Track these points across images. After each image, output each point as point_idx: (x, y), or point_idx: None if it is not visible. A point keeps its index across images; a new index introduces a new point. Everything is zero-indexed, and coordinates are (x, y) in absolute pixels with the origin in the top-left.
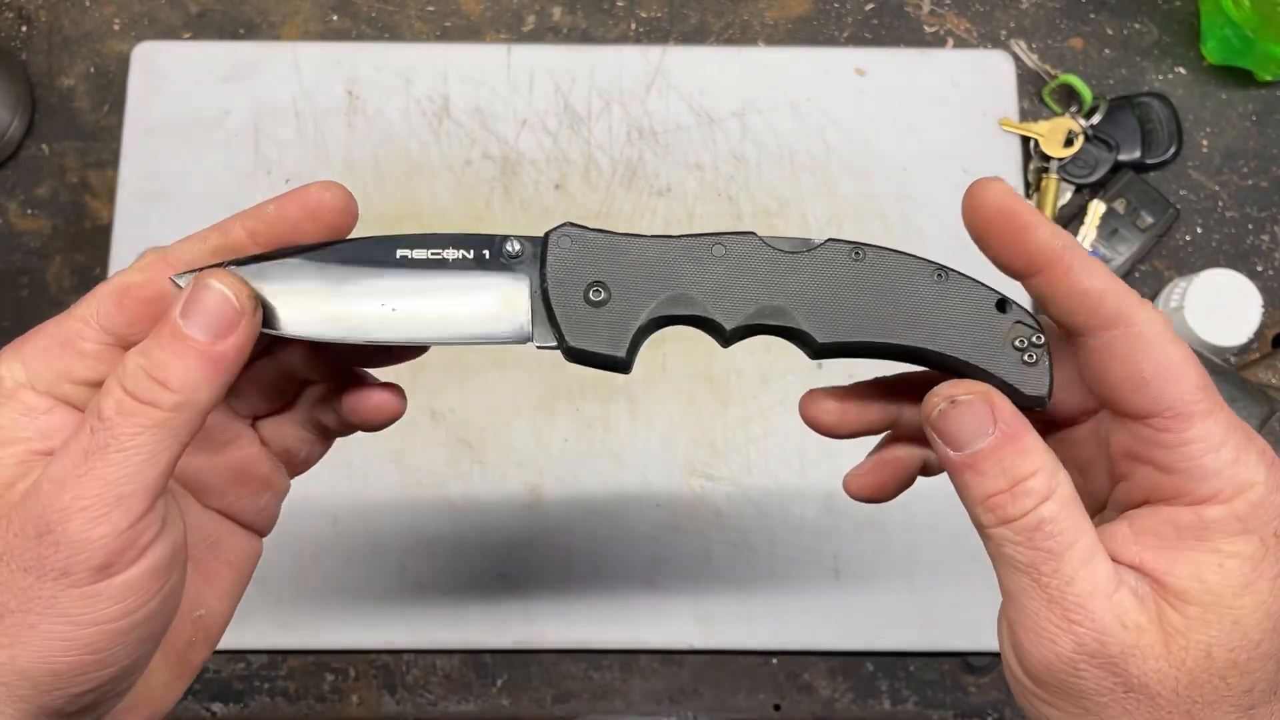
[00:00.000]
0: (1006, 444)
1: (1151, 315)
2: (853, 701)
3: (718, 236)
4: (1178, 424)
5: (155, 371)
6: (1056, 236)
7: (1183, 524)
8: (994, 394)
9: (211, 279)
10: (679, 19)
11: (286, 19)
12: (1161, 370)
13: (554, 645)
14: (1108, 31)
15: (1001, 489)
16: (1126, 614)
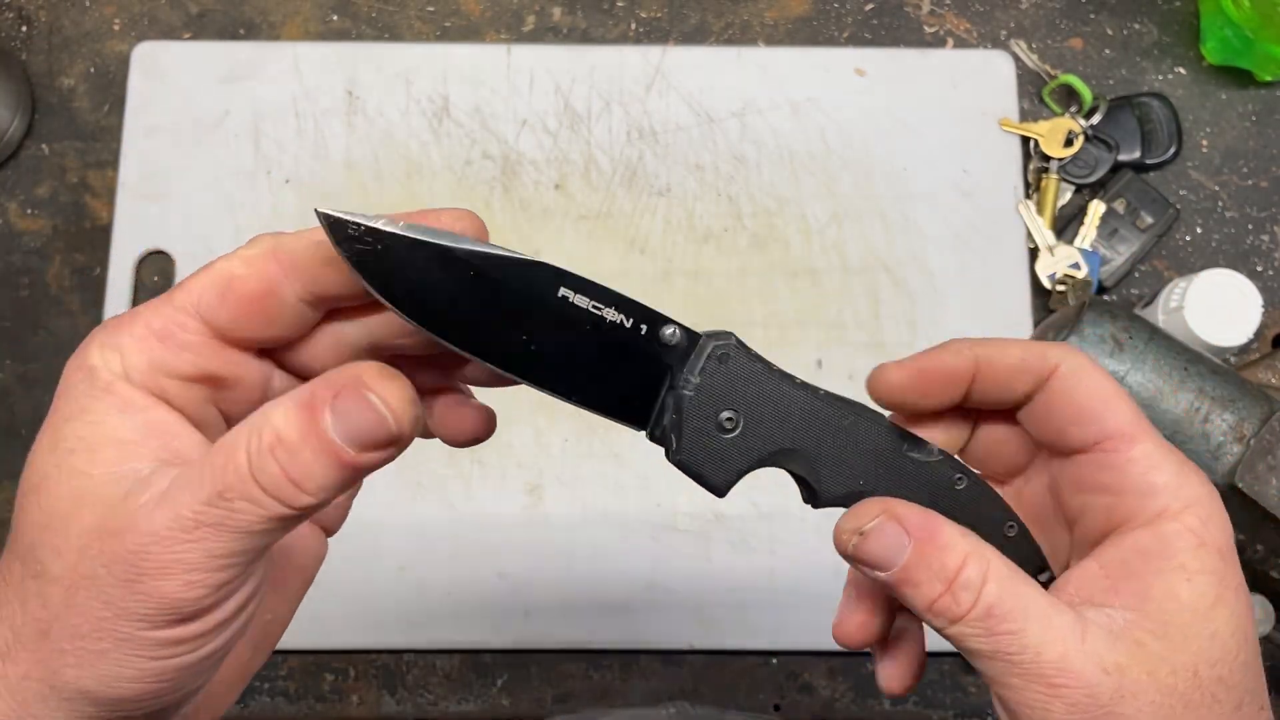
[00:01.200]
0: (927, 548)
1: (1074, 355)
2: (852, 702)
3: (854, 409)
4: (1121, 445)
5: (293, 472)
6: (962, 351)
7: (1145, 548)
8: (893, 505)
9: (372, 390)
10: (679, 19)
11: (286, 19)
12: (1097, 399)
13: (554, 645)
14: (1108, 32)
15: (940, 592)
16: (1104, 659)
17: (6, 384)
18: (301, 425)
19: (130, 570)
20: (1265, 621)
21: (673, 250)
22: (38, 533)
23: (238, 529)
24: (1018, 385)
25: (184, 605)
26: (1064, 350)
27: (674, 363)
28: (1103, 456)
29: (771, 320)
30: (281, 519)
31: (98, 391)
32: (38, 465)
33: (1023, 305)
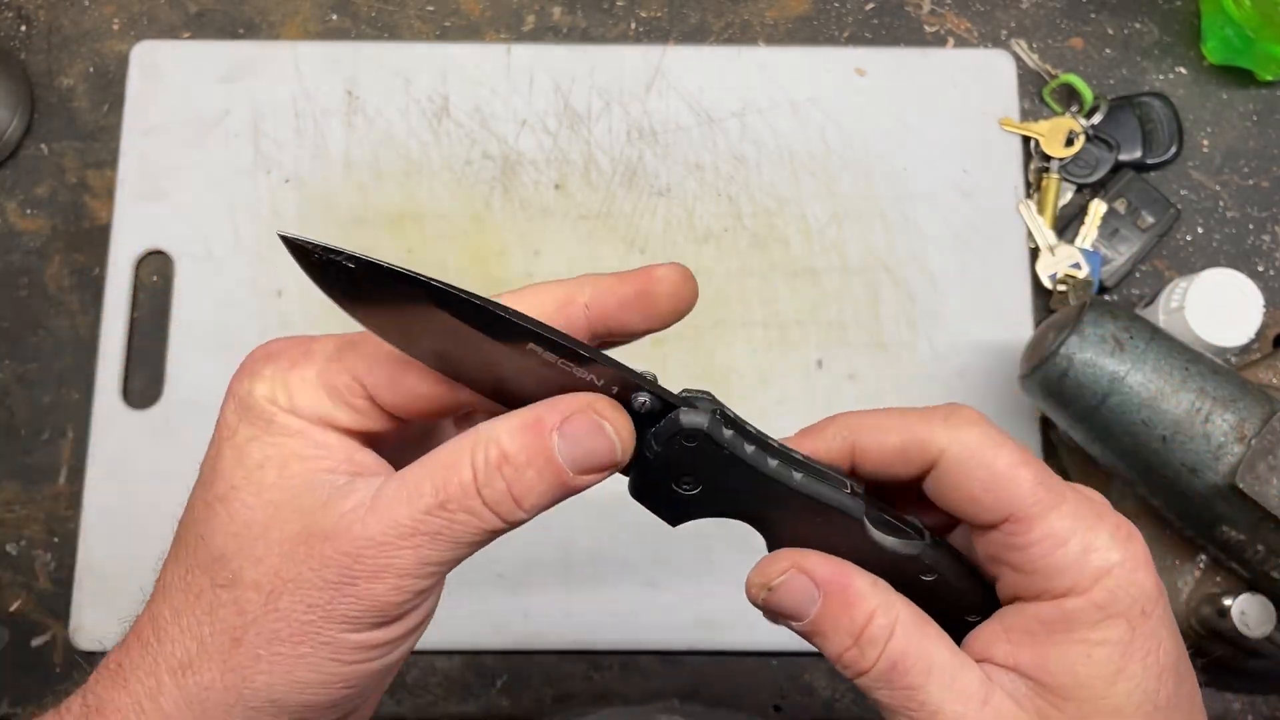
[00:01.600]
0: (835, 602)
1: (959, 436)
2: (853, 702)
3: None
4: (1021, 528)
5: (516, 488)
6: (835, 436)
7: (1047, 619)
8: (802, 557)
9: (607, 419)
10: (679, 19)
11: (286, 18)
12: (989, 484)
13: (554, 646)
14: (1108, 31)
15: (848, 645)
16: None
17: (5, 384)
18: (529, 446)
19: (343, 573)
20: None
21: (673, 250)
22: (231, 541)
23: (453, 539)
24: (901, 470)
25: (390, 609)
26: (948, 432)
27: (644, 424)
28: (1007, 539)
29: (771, 320)
30: (494, 532)
31: (273, 417)
32: (224, 476)
33: (1023, 305)
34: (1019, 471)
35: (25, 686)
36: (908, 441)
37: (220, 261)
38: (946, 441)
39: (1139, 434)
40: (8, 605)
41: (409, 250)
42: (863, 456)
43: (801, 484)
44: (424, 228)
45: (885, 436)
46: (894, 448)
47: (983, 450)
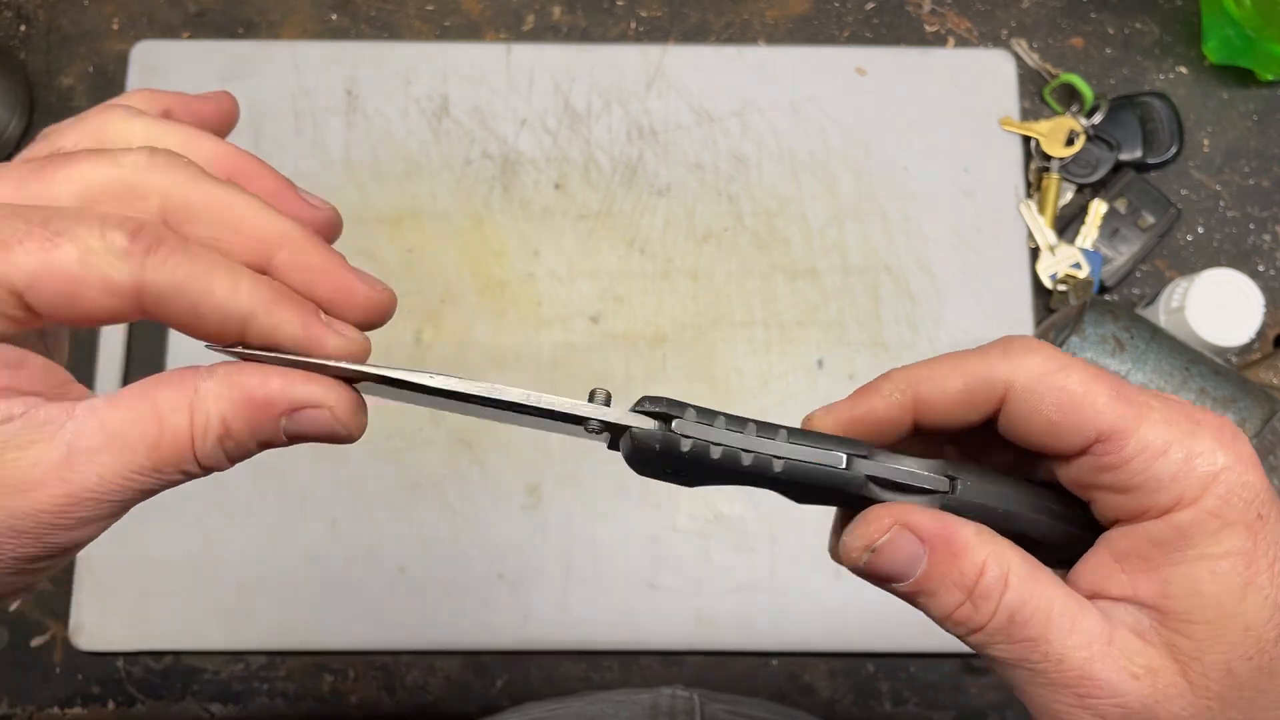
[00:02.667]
0: (943, 556)
1: (1028, 365)
2: (853, 703)
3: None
4: (1112, 446)
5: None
6: (893, 392)
7: (1160, 538)
8: (904, 512)
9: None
10: (679, 18)
11: (285, 18)
12: (1065, 407)
13: (553, 646)
14: (1109, 31)
15: (959, 601)
16: (1133, 661)
17: None
18: (253, 425)
19: (38, 527)
20: None
21: (673, 250)
22: None
23: (157, 488)
24: (969, 416)
25: (77, 548)
26: (1010, 363)
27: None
28: (1099, 461)
29: (772, 320)
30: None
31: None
32: None
33: (1024, 305)
34: (1094, 387)
35: (25, 686)
36: (970, 383)
37: None
38: (1010, 373)
39: None
40: (7, 605)
41: (409, 250)
42: (926, 409)
43: (783, 472)
44: (424, 227)
45: (946, 383)
46: (958, 393)
47: (1050, 374)
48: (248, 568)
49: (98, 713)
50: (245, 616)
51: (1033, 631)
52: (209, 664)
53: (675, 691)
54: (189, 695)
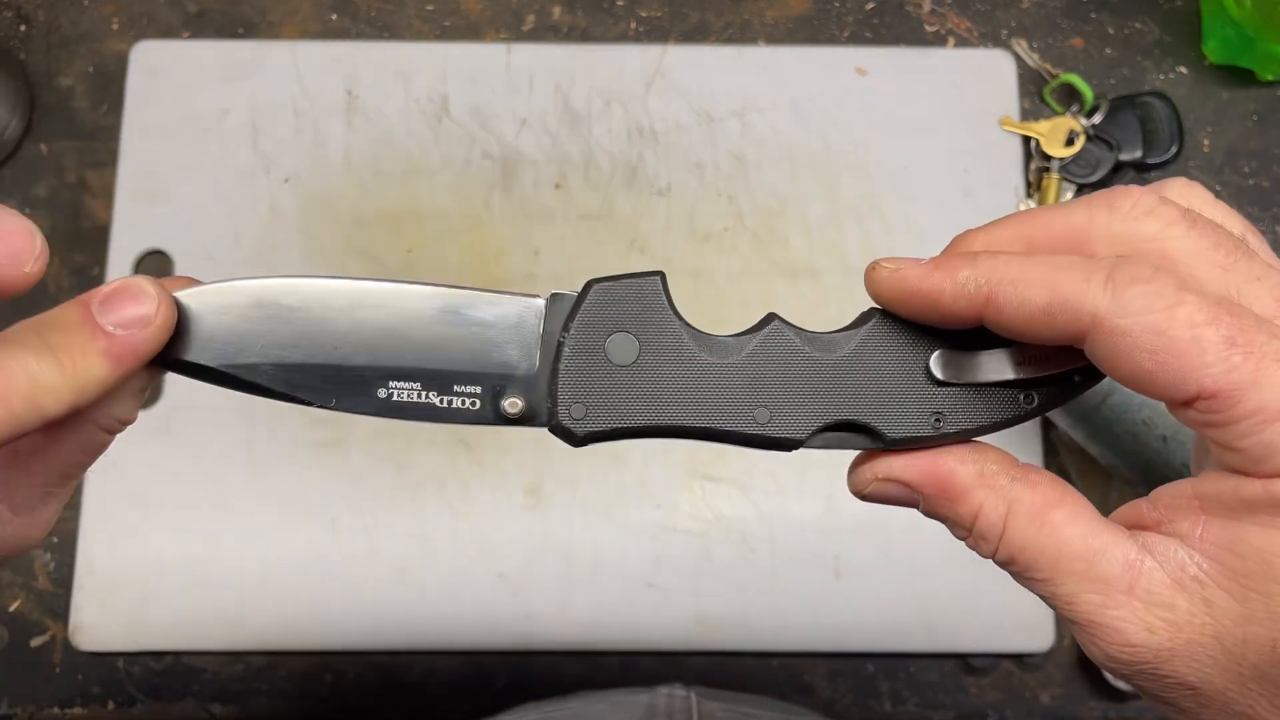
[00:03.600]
0: (936, 499)
1: (1128, 293)
2: (853, 703)
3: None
4: (1218, 405)
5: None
6: (966, 282)
7: (1252, 499)
8: (884, 465)
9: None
10: (679, 18)
11: (285, 18)
12: (1164, 358)
13: (554, 646)
14: (1109, 31)
15: (964, 535)
16: (1154, 612)
17: None
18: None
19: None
20: None
21: (673, 250)
22: None
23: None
24: (1045, 334)
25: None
26: (1108, 294)
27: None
28: (1199, 414)
29: None
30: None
31: None
32: None
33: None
34: (1205, 334)
35: (25, 686)
36: (1054, 303)
37: (220, 261)
38: (1104, 306)
39: (1139, 434)
40: (7, 605)
41: (409, 250)
42: (998, 312)
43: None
44: (423, 227)
45: (1028, 293)
46: (1038, 309)
47: (1151, 313)
48: (248, 568)
49: (97, 713)
50: (245, 616)
51: (1038, 574)
52: (209, 664)
53: (672, 690)
54: (189, 695)
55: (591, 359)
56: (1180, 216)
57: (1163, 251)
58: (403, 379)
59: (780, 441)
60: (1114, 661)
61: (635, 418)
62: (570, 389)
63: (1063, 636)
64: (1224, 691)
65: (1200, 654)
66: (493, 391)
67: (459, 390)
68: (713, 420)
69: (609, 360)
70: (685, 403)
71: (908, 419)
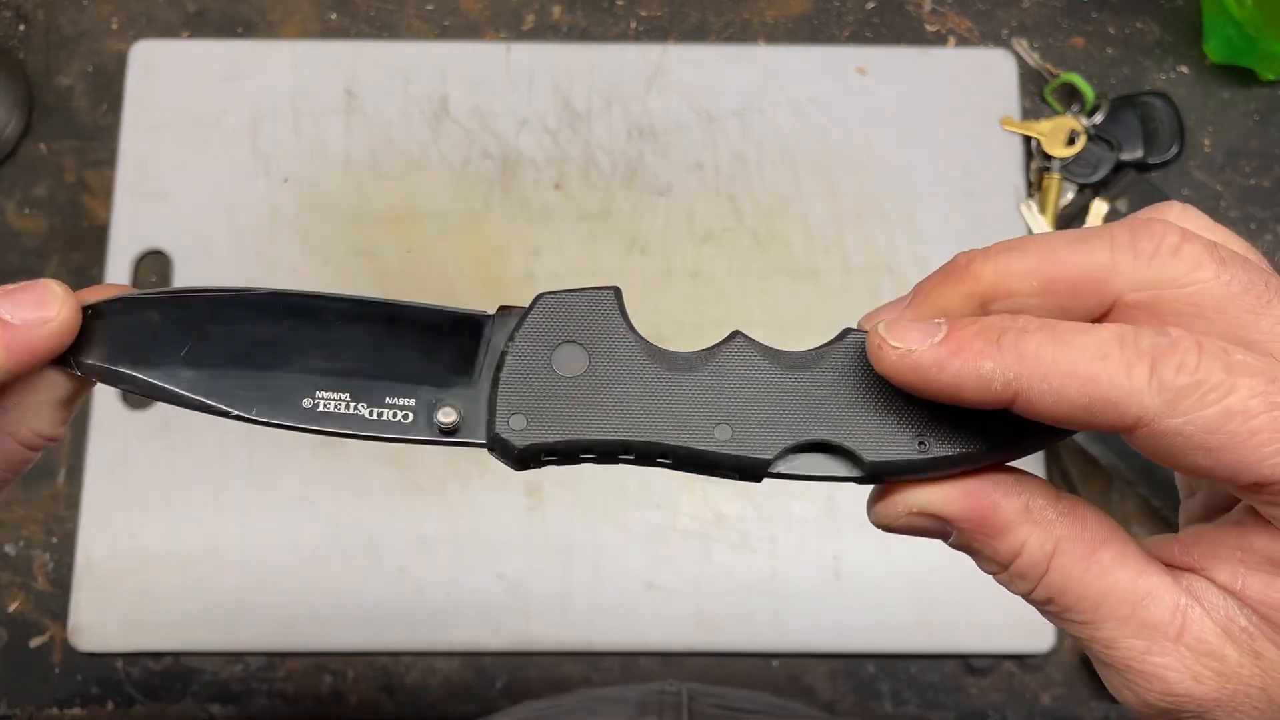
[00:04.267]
0: (974, 535)
1: (1174, 399)
2: (854, 704)
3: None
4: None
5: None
6: (994, 376)
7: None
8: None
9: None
10: (679, 17)
11: (285, 17)
12: (1220, 454)
13: (553, 647)
14: (1109, 30)
15: (996, 571)
16: (1202, 662)
17: None
18: None
19: None
20: None
21: (673, 250)
22: None
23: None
24: (1081, 427)
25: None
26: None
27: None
28: (1263, 507)
29: (772, 320)
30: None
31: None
32: None
33: None
34: (1259, 423)
35: (24, 687)
36: (1094, 404)
37: (219, 261)
38: (1151, 408)
39: None
40: (6, 605)
41: (408, 250)
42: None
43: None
44: (423, 227)
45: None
46: (1076, 408)
47: (1203, 409)
48: (248, 568)
49: (97, 713)
50: (245, 616)
51: (1079, 616)
52: (208, 664)
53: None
54: (188, 696)
55: (536, 370)
56: (1207, 256)
57: (1194, 300)
58: (331, 390)
59: (744, 462)
60: (1150, 709)
61: (581, 430)
62: (511, 399)
63: (1064, 637)
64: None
65: (1246, 705)
66: (427, 404)
67: (391, 402)
68: (667, 436)
69: (555, 372)
70: (637, 417)
71: (888, 441)
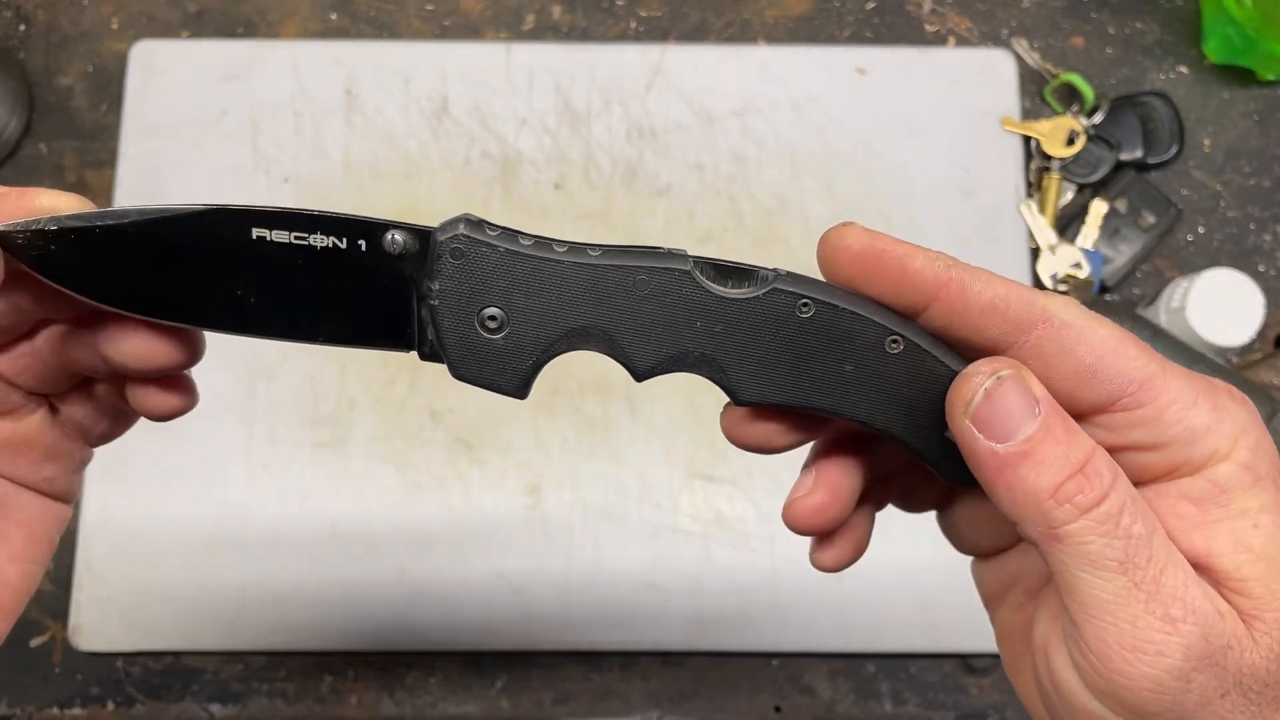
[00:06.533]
0: (1057, 424)
1: (1065, 304)
2: (854, 703)
3: (643, 262)
4: (1147, 394)
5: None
6: (936, 260)
7: (1198, 495)
8: (1023, 367)
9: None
10: (679, 18)
11: (285, 18)
12: (1101, 352)
13: (553, 647)
14: (1109, 30)
15: (1069, 473)
16: (1217, 599)
17: None
18: None
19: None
20: None
21: None
22: None
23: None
24: (990, 327)
25: None
26: (1060, 302)
27: (412, 271)
28: (1126, 416)
29: None
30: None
31: None
32: None
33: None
34: (1126, 338)
35: (24, 687)
36: (1012, 293)
37: None
38: (1054, 308)
39: None
40: None
41: None
42: (954, 291)
43: (600, 258)
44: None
45: (991, 282)
46: (1000, 288)
47: (1088, 317)
48: (248, 568)
49: (97, 713)
50: (245, 616)
51: (1142, 530)
52: (209, 664)
53: None
54: (188, 695)
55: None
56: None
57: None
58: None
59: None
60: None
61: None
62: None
63: None
64: (1246, 693)
65: (1245, 648)
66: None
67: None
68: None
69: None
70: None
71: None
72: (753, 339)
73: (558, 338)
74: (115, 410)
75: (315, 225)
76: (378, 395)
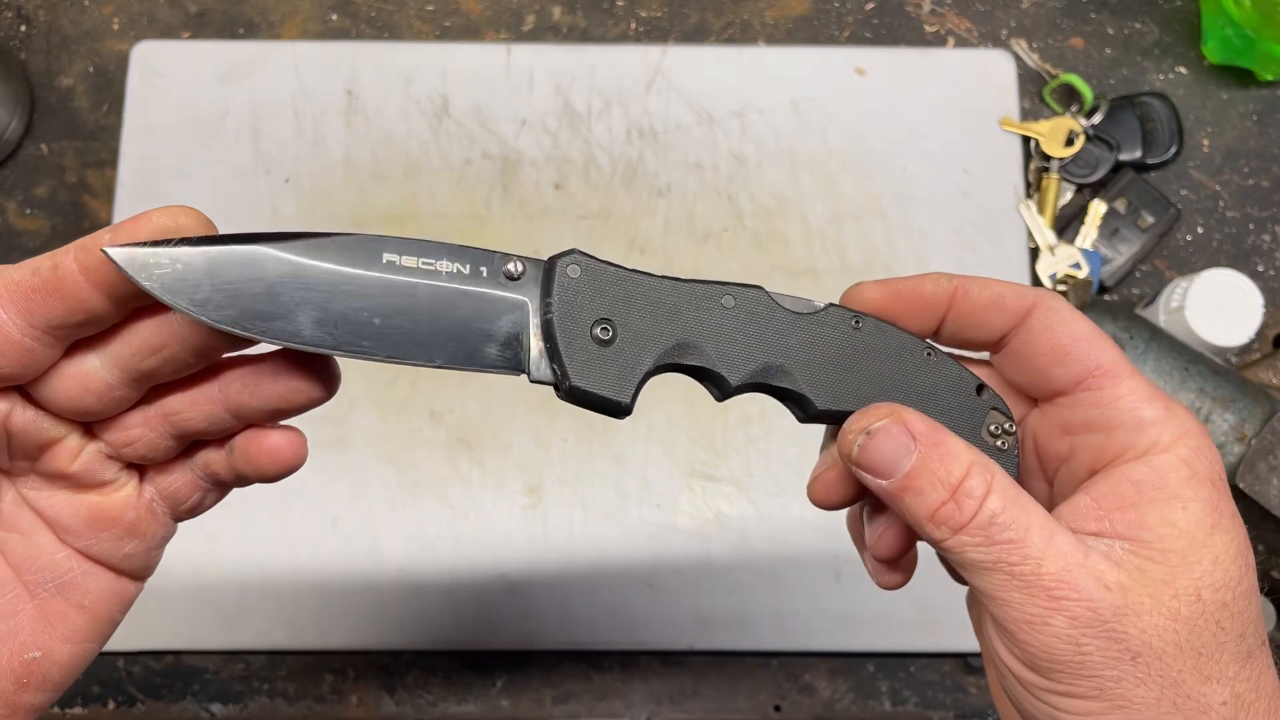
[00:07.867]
0: (932, 455)
1: (1053, 297)
2: (853, 703)
3: (726, 287)
4: (1108, 380)
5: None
6: (940, 278)
7: (1139, 479)
8: (901, 410)
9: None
10: (679, 18)
11: (286, 18)
12: (1078, 337)
13: (553, 646)
14: (1108, 31)
15: (944, 499)
16: (1106, 576)
17: None
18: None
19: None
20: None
21: (673, 250)
22: None
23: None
24: (994, 321)
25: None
26: (1043, 292)
27: (529, 296)
28: (1089, 395)
29: None
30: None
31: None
32: None
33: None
34: (1104, 337)
35: None
36: (1006, 291)
37: None
38: (1040, 297)
39: None
40: None
41: None
42: (962, 300)
43: (689, 280)
44: (424, 227)
45: (987, 283)
46: (993, 293)
47: (1073, 310)
48: (248, 568)
49: (97, 713)
50: (245, 616)
51: (1012, 535)
52: (209, 664)
53: None
54: (189, 695)
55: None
56: None
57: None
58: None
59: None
60: (1078, 624)
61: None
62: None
63: None
64: (1161, 657)
65: (1144, 612)
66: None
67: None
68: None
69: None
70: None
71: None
72: (819, 349)
73: (661, 350)
74: (213, 479)
75: (444, 253)
76: (378, 395)
